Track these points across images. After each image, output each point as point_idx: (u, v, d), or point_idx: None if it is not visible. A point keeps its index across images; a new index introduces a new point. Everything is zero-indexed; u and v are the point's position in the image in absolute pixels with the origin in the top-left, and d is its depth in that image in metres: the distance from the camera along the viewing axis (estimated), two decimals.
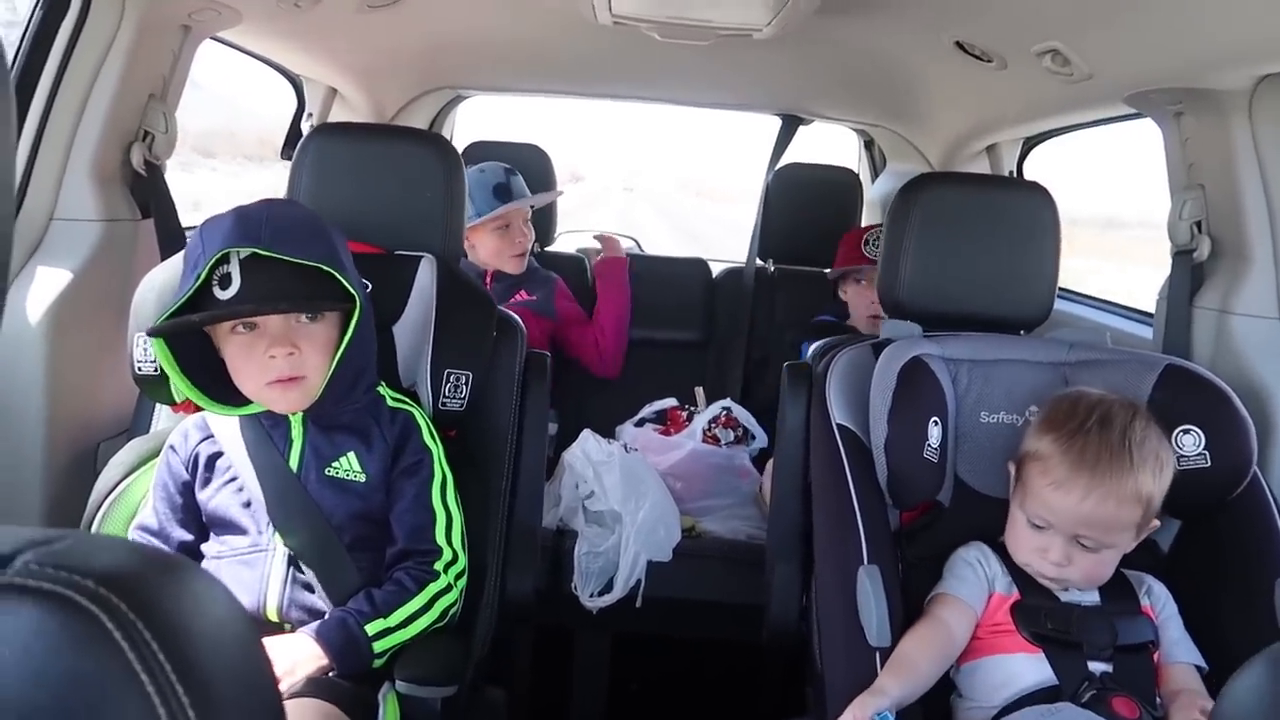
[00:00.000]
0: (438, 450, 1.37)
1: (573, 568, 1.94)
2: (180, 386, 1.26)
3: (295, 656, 1.20)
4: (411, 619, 1.27)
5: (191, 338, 1.28)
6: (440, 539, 1.32)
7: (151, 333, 1.23)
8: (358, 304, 1.27)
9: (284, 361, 1.25)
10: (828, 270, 2.61)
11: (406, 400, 1.41)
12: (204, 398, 1.27)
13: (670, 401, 2.39)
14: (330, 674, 1.22)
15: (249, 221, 1.23)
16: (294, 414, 1.32)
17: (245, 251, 1.21)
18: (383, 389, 1.39)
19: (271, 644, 1.21)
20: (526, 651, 2.02)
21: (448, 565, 1.32)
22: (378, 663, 1.25)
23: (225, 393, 1.29)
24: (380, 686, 1.25)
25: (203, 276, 1.22)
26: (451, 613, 1.32)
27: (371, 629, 1.24)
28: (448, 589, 1.31)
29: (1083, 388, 1.36)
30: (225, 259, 1.22)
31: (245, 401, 1.30)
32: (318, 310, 1.27)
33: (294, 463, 1.32)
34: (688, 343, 2.81)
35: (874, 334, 2.37)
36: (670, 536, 1.97)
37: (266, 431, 1.33)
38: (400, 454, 1.34)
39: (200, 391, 1.26)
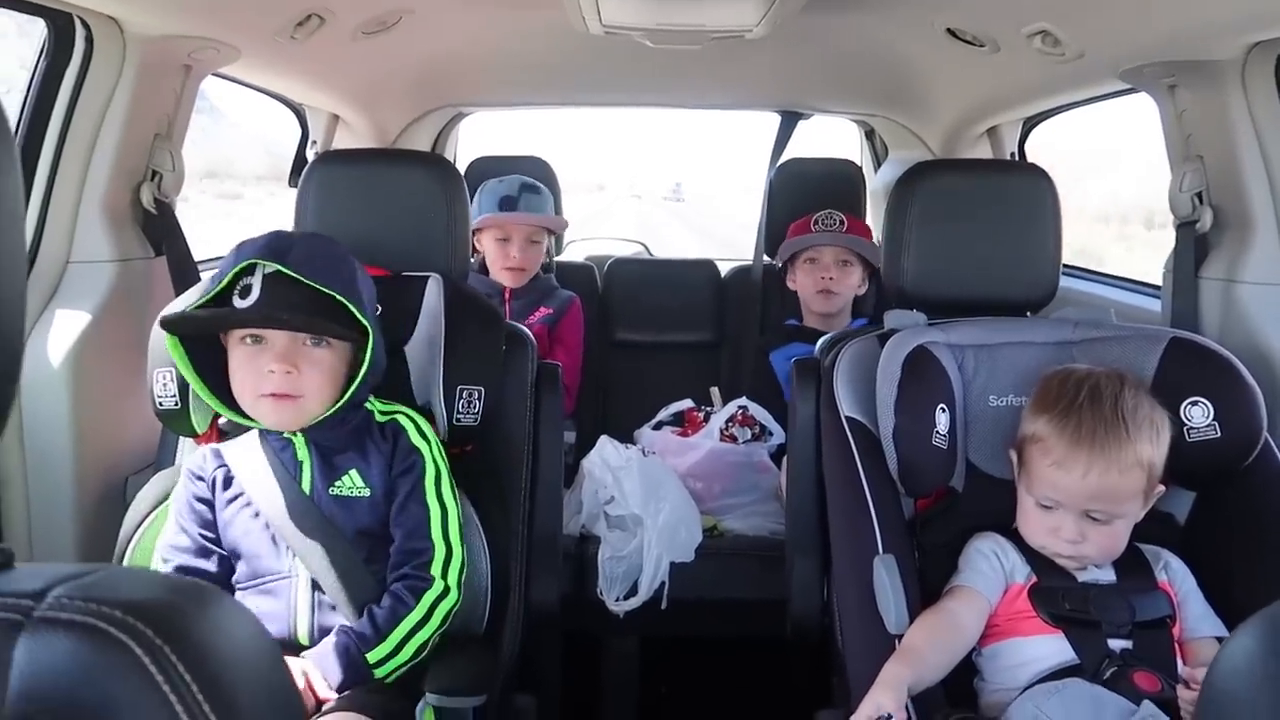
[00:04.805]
0: (429, 447, 1.39)
1: (597, 573, 1.96)
2: (190, 379, 1.32)
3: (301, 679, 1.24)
4: (410, 635, 1.30)
5: (208, 350, 1.33)
6: (435, 534, 1.34)
7: (163, 324, 1.28)
8: (370, 339, 1.30)
9: (281, 378, 1.29)
10: (776, 262, 2.62)
11: (393, 408, 1.43)
12: (213, 397, 1.32)
13: (686, 403, 2.41)
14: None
15: (280, 241, 1.30)
16: (296, 435, 1.36)
17: (270, 269, 1.27)
18: (371, 404, 1.41)
19: None
20: (555, 658, 2.05)
21: (444, 564, 1.34)
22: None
23: (233, 408, 1.35)
24: (416, 699, 1.28)
25: (225, 282, 1.28)
26: (452, 613, 1.34)
27: (373, 656, 1.27)
28: (445, 592, 1.33)
29: (1069, 364, 1.37)
30: (252, 272, 1.28)
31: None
32: (321, 333, 1.30)
33: (305, 485, 1.36)
34: (700, 344, 2.82)
35: (825, 312, 2.42)
36: (692, 537, 1.99)
37: (277, 455, 1.36)
38: (394, 459, 1.38)
39: (210, 391, 1.32)
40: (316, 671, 1.25)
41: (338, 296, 1.28)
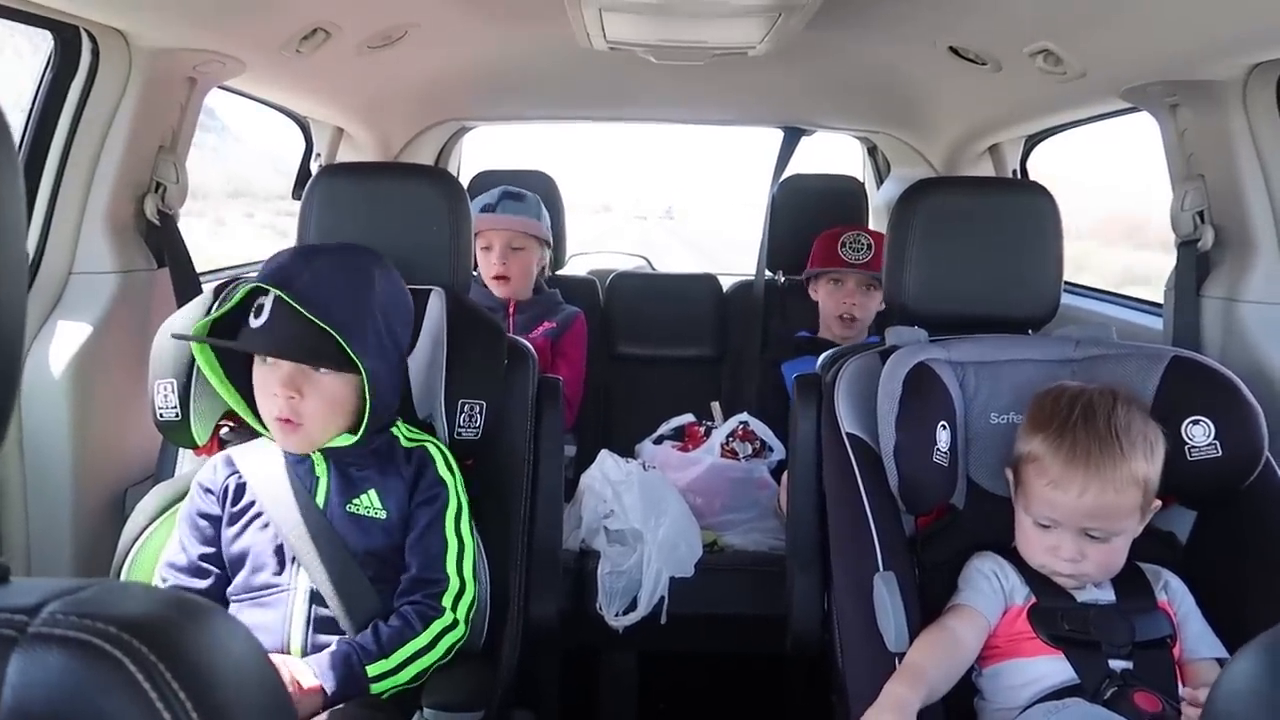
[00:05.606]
0: (454, 480, 1.39)
1: (596, 588, 1.95)
2: (219, 388, 1.33)
3: (295, 681, 1.22)
4: (413, 659, 1.29)
5: (232, 355, 1.34)
6: (450, 568, 1.34)
7: (177, 335, 1.31)
8: (365, 377, 1.29)
9: (283, 402, 1.30)
10: (801, 274, 2.64)
11: (421, 436, 1.43)
12: (242, 403, 1.34)
13: (688, 418, 2.40)
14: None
15: (297, 263, 1.30)
16: (314, 452, 1.36)
17: None
18: (397, 429, 1.41)
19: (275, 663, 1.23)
20: (553, 673, 2.03)
21: (456, 598, 1.34)
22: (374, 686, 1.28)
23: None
24: (411, 714, 1.27)
25: (236, 300, 1.29)
26: (456, 647, 1.34)
27: (373, 670, 1.26)
28: (453, 625, 1.33)
29: (1063, 382, 1.37)
30: (267, 291, 1.28)
31: None
32: (313, 364, 1.30)
33: (320, 499, 1.36)
34: (702, 358, 2.82)
35: (845, 336, 2.44)
36: (692, 552, 1.98)
37: (292, 467, 1.36)
38: (416, 489, 1.37)
39: (239, 397, 1.34)
40: (307, 671, 1.23)
41: (332, 332, 1.26)
